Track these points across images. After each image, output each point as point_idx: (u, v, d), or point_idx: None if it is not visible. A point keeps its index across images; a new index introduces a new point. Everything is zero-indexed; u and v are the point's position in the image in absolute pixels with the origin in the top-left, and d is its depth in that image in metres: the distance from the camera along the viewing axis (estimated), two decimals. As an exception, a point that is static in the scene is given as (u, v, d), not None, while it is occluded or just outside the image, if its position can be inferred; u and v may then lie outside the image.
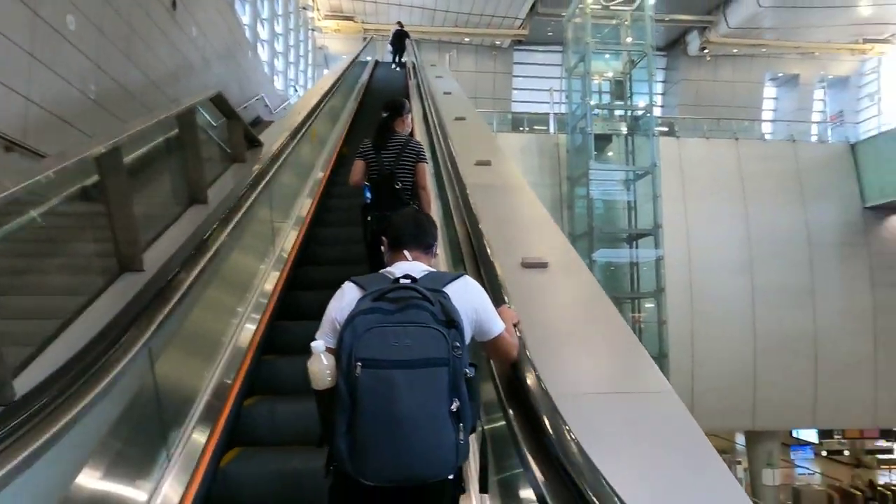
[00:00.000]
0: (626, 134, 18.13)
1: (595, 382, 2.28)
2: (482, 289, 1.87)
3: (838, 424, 20.75)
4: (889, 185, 19.01)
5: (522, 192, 4.43)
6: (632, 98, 18.21)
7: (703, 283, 18.82)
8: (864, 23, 22.56)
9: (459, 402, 1.50)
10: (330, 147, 7.50)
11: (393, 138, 3.91)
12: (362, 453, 1.47)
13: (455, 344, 1.51)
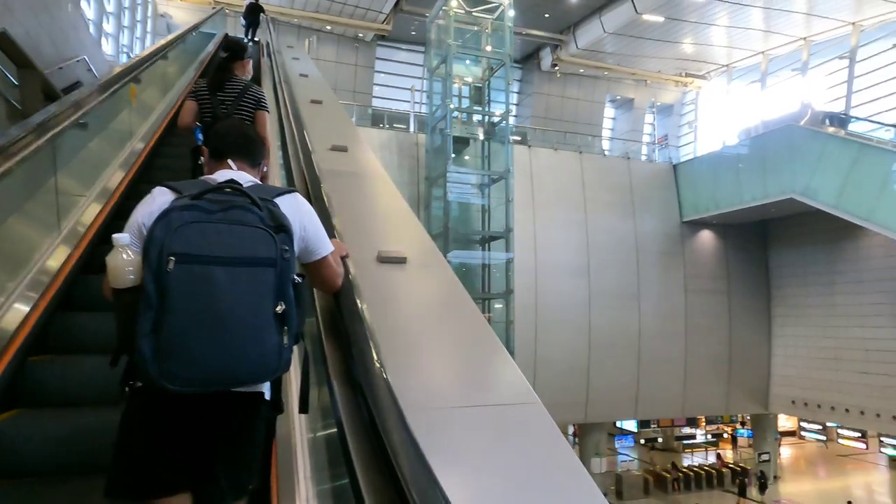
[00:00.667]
0: (483, 139, 18.62)
1: (456, 394, 1.98)
2: (312, 208, 1.75)
3: (655, 415, 23.17)
4: (701, 202, 21.64)
5: (381, 182, 4.06)
6: (490, 104, 18.75)
7: (547, 286, 19.96)
8: (686, 59, 25.60)
9: (285, 306, 1.41)
10: (157, 116, 6.52)
11: (232, 81, 3.60)
12: (171, 353, 1.32)
13: (284, 247, 1.43)
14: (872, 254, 19.27)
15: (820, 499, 21.74)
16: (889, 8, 19.42)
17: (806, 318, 21.61)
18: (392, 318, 2.12)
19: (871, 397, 19.13)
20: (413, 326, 2.23)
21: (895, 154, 15.76)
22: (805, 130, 17.71)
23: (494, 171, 18.10)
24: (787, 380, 22.04)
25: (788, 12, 20.89)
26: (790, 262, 22.31)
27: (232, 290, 1.35)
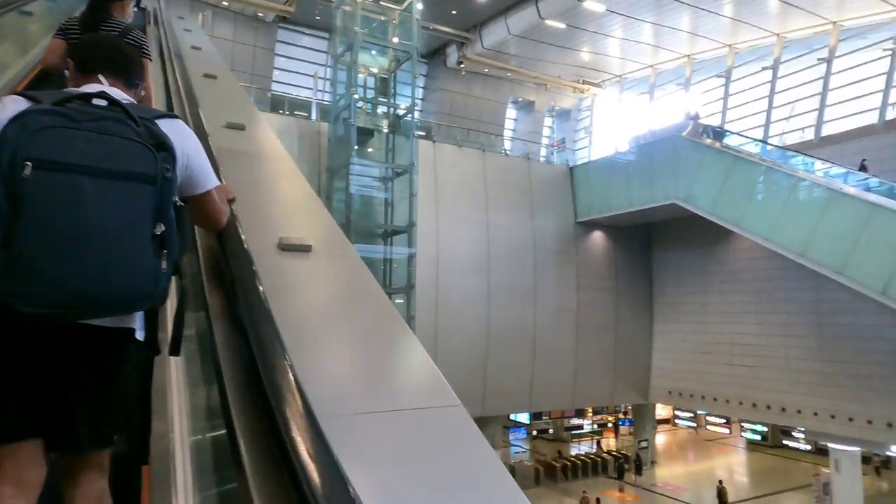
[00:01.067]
0: (388, 131, 18.35)
1: (373, 399, 1.77)
2: (196, 138, 1.60)
3: (548, 407, 24.13)
4: (595, 204, 22.74)
5: (283, 164, 3.73)
6: (395, 97, 18.50)
7: (448, 281, 20.09)
8: (584, 67, 26.78)
9: (165, 227, 1.30)
10: (6, 81, 5.62)
11: (109, 22, 3.19)
12: (25, 269, 1.16)
13: (166, 165, 1.31)
14: (740, 257, 21.20)
15: (690, 480, 23.64)
16: (760, 34, 21.43)
17: (683, 315, 23.40)
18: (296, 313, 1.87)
19: (735, 387, 21.07)
20: (321, 322, 1.99)
21: (761, 167, 17.42)
22: (687, 141, 19.11)
23: (398, 165, 17.90)
24: (666, 372, 23.78)
25: (675, 30, 22.43)
26: (671, 263, 24.05)
27: (102, 203, 1.21)
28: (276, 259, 2.14)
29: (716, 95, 23.51)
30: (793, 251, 15.85)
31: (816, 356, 18.69)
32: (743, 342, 20.99)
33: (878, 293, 14.07)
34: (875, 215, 14.30)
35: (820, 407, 18.51)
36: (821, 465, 23.09)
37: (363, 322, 2.21)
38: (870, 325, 17.13)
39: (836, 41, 19.48)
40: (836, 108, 19.85)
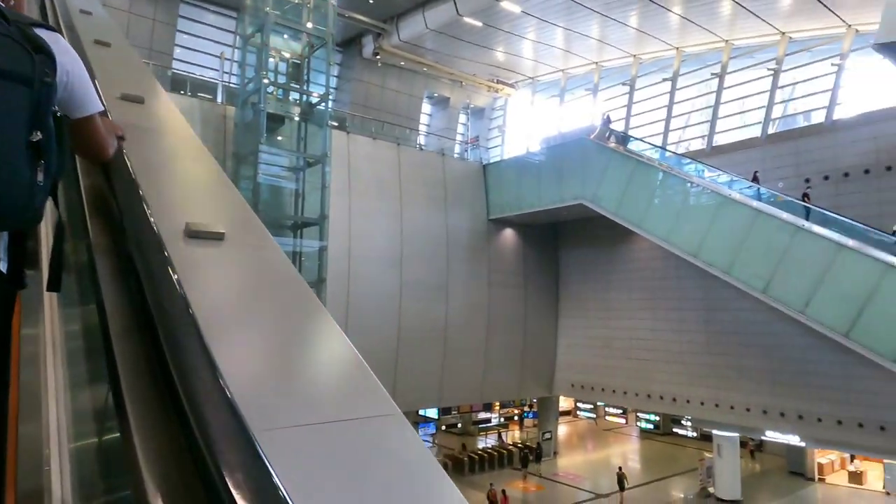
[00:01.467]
0: (300, 119, 17.64)
1: (303, 409, 1.54)
2: (78, 56, 1.45)
3: (457, 402, 24.37)
4: (506, 202, 23.18)
5: (189, 142, 3.34)
6: (309, 84, 17.82)
7: (360, 275, 19.69)
8: (499, 66, 27.21)
9: (43, 136, 1.21)
10: None
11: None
12: None
13: (45, 69, 1.21)
14: (640, 256, 22.43)
15: (590, 468, 24.78)
16: (662, 47, 22.71)
17: (586, 311, 24.44)
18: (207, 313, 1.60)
19: (632, 379, 22.29)
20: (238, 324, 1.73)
21: (660, 172, 18.48)
22: (595, 145, 19.91)
23: (310, 155, 17.27)
24: (569, 365, 24.75)
25: (585, 37, 23.28)
26: (576, 261, 25.04)
27: None
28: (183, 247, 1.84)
29: (621, 102, 24.64)
30: (687, 252, 16.94)
31: (704, 350, 20.14)
32: (640, 336, 22.24)
33: (760, 292, 15.35)
34: (758, 221, 15.57)
35: (706, 397, 19.98)
36: (704, 450, 24.99)
37: (289, 321, 1.98)
38: (751, 321, 18.67)
39: (728, 58, 21.02)
40: (727, 121, 21.46)
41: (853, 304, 13.63)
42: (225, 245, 2.17)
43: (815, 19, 18.22)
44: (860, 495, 21.40)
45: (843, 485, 22.30)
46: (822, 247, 14.28)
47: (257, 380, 1.45)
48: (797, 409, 17.67)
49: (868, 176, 16.88)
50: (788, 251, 14.85)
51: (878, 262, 13.37)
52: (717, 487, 20.14)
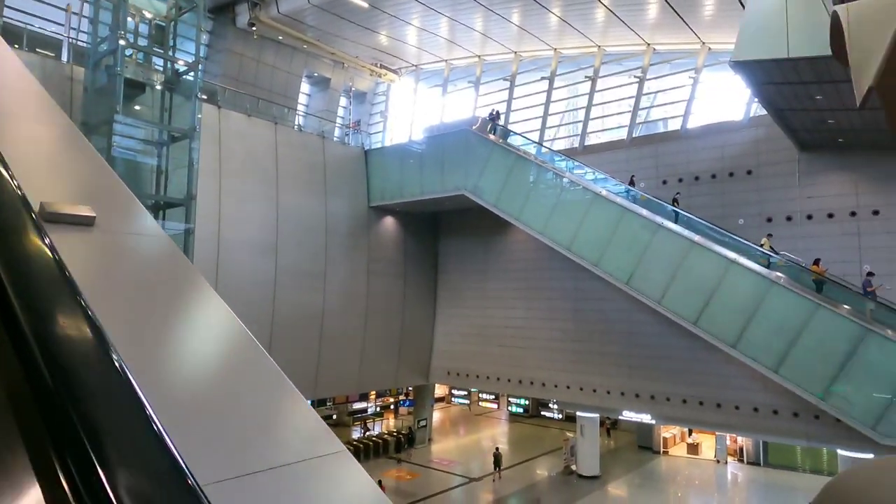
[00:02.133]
0: (164, 88, 15.92)
1: (223, 460, 1.21)
2: None
3: (334, 393, 23.74)
4: (388, 190, 22.85)
5: (38, 101, 2.74)
6: (175, 50, 16.12)
7: (230, 262, 18.38)
8: (383, 51, 26.68)
9: None
10: None
11: None
12: None
13: None
14: (516, 248, 23.24)
15: (462, 453, 25.41)
16: (540, 46, 23.57)
17: (463, 299, 24.91)
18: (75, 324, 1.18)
19: (505, 366, 23.12)
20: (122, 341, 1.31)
21: (538, 167, 19.19)
22: (477, 137, 20.20)
23: (176, 128, 15.67)
24: (446, 354, 25.11)
25: (469, 29, 23.52)
26: (454, 251, 25.40)
27: None
28: (35, 240, 1.36)
29: (501, 97, 25.26)
30: (561, 245, 17.78)
31: (572, 337, 21.38)
32: (514, 325, 23.10)
33: (624, 284, 16.52)
34: (625, 218, 16.71)
35: (572, 381, 21.24)
36: (568, 430, 26.66)
37: (196, 334, 1.61)
38: (613, 310, 20.11)
39: (600, 63, 22.31)
40: (597, 122, 22.81)
41: (701, 296, 15.11)
42: (96, 231, 1.71)
43: (675, 34, 19.86)
44: (697, 464, 24.06)
45: (683, 456, 24.93)
46: (677, 244, 15.66)
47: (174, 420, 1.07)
48: (650, 390, 19.35)
49: (715, 180, 18.80)
50: (649, 247, 16.10)
51: (722, 259, 14.92)
52: (578, 465, 21.55)
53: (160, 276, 1.81)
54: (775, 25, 10.79)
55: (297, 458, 1.20)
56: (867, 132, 14.81)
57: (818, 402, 13.30)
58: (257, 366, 1.66)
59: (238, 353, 1.72)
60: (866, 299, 13.34)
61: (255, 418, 1.31)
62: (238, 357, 1.71)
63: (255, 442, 1.22)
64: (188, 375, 1.44)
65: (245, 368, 1.64)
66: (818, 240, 16.79)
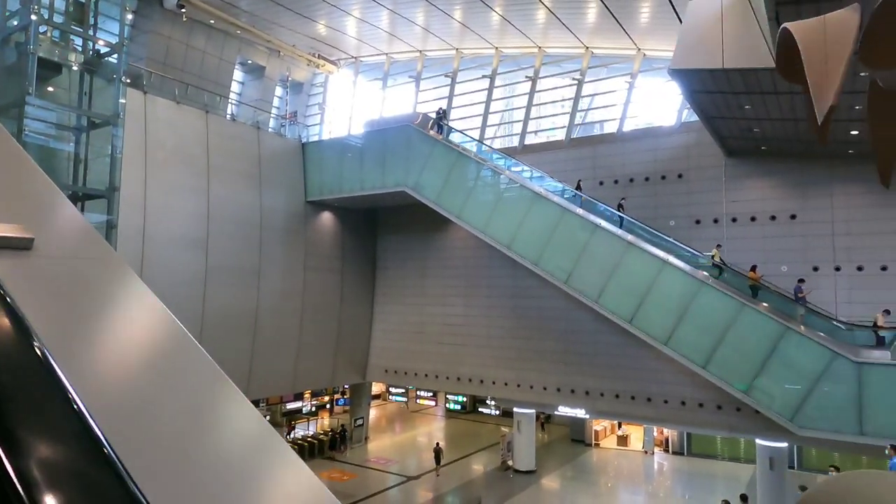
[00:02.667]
0: (83, 70, 14.74)
1: (160, 455, 1.04)
2: None
3: (268, 393, 22.92)
4: (326, 185, 22.27)
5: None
6: (96, 28, 14.94)
7: (156, 258, 17.36)
8: (321, 41, 25.92)
9: None
10: None
11: None
12: None
13: None
14: (455, 245, 23.23)
15: (399, 451, 25.24)
16: (482, 44, 23.60)
17: (402, 297, 24.68)
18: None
19: (444, 363, 23.11)
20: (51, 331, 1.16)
21: (479, 165, 19.20)
22: (419, 133, 19.98)
23: (97, 114, 14.55)
24: (383, 351, 24.82)
25: (411, 23, 23.23)
26: (393, 247, 25.11)
27: None
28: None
29: (443, 94, 25.13)
30: (502, 244, 17.88)
31: (510, 334, 21.61)
32: (453, 322, 23.12)
33: (563, 283, 16.81)
34: (564, 217, 17.00)
35: (510, 378, 21.49)
36: (503, 425, 27.03)
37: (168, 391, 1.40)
38: (551, 308, 20.47)
39: (540, 64, 22.60)
40: (537, 122, 23.11)
41: (636, 296, 15.61)
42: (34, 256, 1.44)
43: (612, 39, 20.38)
44: (626, 455, 24.98)
45: (613, 448, 25.82)
46: (614, 244, 16.08)
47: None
48: (585, 385, 19.86)
49: (648, 183, 19.46)
50: (588, 247, 16.46)
51: (656, 260, 15.46)
52: (515, 460, 21.86)
53: (84, 267, 1.59)
54: (711, 37, 11.20)
55: (238, 457, 1.10)
56: (788, 142, 15.74)
57: (743, 396, 14.03)
58: (193, 361, 1.62)
59: (172, 347, 1.65)
60: (797, 304, 14.17)
61: (191, 414, 1.28)
62: (172, 351, 1.65)
63: (191, 438, 1.16)
64: (120, 370, 1.39)
65: (180, 364, 1.59)
66: (742, 241, 17.73)
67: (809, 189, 16.93)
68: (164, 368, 1.51)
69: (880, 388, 12.42)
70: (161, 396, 1.27)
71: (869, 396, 12.47)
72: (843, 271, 16.35)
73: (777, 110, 13.19)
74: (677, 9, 16.92)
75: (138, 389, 1.28)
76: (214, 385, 1.52)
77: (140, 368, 1.45)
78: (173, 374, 1.49)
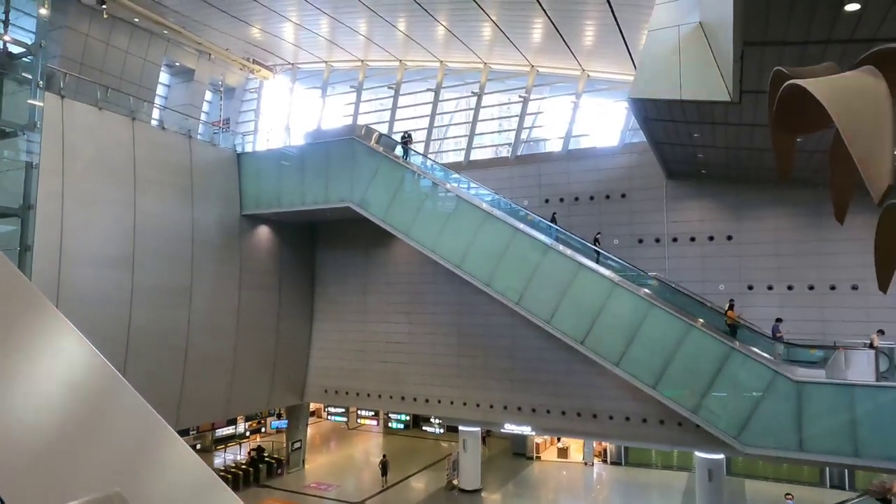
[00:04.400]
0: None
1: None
2: None
3: (199, 421, 21.43)
4: (264, 198, 21.14)
5: None
6: (7, 26, 13.33)
7: (75, 278, 15.76)
8: (255, 45, 24.69)
9: None
10: None
11: None
12: None
13: None
14: (399, 261, 22.71)
15: (341, 472, 24.29)
16: (426, 56, 23.26)
17: (342, 314, 23.84)
18: None
19: (387, 382, 22.50)
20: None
21: (428, 182, 18.79)
22: (365, 147, 19.33)
23: (8, 122, 12.96)
24: (323, 371, 23.87)
25: (352, 31, 22.53)
26: (333, 262, 24.23)
27: None
28: None
29: (385, 105, 24.57)
30: (452, 263, 17.56)
31: (455, 351, 21.33)
32: (396, 340, 22.57)
33: (514, 304, 16.69)
34: (516, 237, 16.91)
35: (455, 396, 21.20)
36: (447, 441, 26.71)
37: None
38: (496, 325, 20.38)
39: (486, 79, 22.53)
40: (482, 138, 23.02)
41: (587, 317, 15.72)
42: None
43: (558, 59, 20.62)
44: (567, 467, 25.29)
45: (554, 460, 26.09)
46: (566, 266, 16.14)
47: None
48: (530, 402, 19.88)
49: (593, 202, 19.78)
50: (539, 268, 16.44)
51: (606, 281, 15.64)
52: (461, 480, 21.56)
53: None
54: (669, 68, 11.40)
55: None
56: (727, 167, 16.42)
57: (691, 415, 14.40)
58: (119, 399, 1.49)
59: (94, 386, 1.51)
60: (776, 342, 14.62)
61: (119, 462, 1.16)
62: (94, 392, 1.49)
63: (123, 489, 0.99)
64: (30, 416, 1.23)
65: (104, 404, 1.46)
66: (682, 261, 18.36)
67: (744, 211, 17.76)
68: (84, 413, 1.35)
69: (818, 405, 13.09)
70: (82, 445, 1.13)
71: (808, 413, 13.11)
72: (775, 290, 17.24)
73: (723, 139, 13.68)
74: (624, 33, 17.31)
75: (53, 439, 1.13)
76: (145, 427, 1.40)
77: (55, 414, 1.27)
78: (96, 418, 1.34)
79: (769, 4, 7.49)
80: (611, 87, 20.61)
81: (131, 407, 1.41)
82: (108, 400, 1.42)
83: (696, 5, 11.60)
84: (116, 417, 1.36)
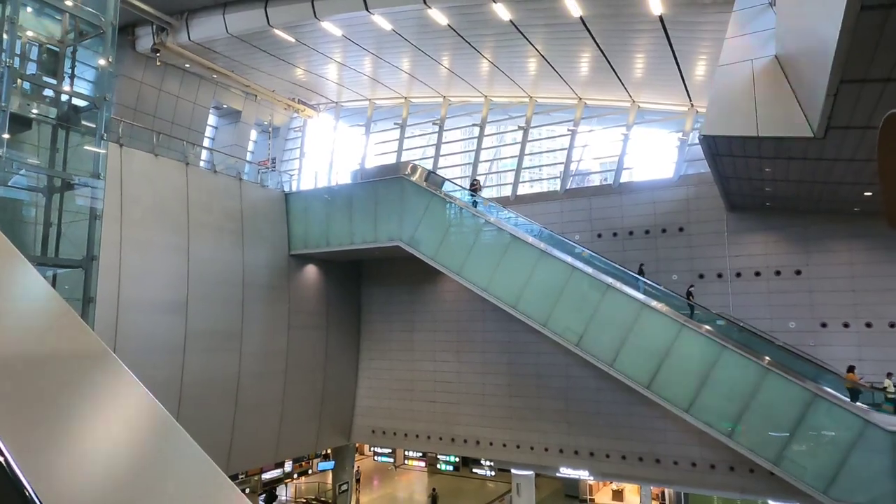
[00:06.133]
0: (58, 125, 13.33)
1: None
2: None
3: (249, 465, 21.13)
4: (312, 238, 21.09)
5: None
6: (73, 80, 13.61)
7: (131, 325, 15.77)
8: (300, 85, 25.00)
9: None
10: None
11: None
12: None
13: None
14: (446, 298, 22.32)
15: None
16: (470, 91, 23.17)
17: (389, 352, 23.47)
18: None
19: (435, 423, 21.92)
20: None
21: (480, 220, 18.43)
22: (414, 185, 19.16)
23: (75, 173, 13.12)
24: (369, 410, 23.43)
25: (396, 69, 22.60)
26: (378, 300, 23.96)
27: None
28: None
29: (430, 141, 24.49)
30: (507, 304, 17.07)
31: (507, 392, 20.69)
32: (444, 379, 22.04)
33: (574, 345, 16.07)
34: (573, 276, 16.36)
35: (507, 438, 20.49)
36: (494, 482, 25.85)
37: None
38: (550, 364, 19.72)
39: (532, 113, 22.28)
40: (529, 172, 22.68)
41: (654, 359, 15.00)
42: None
43: (607, 90, 20.26)
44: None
45: (608, 503, 24.94)
46: (628, 305, 15.50)
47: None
48: (588, 446, 19.06)
49: (648, 236, 19.14)
50: (600, 307, 15.83)
51: (674, 322, 14.94)
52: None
53: (58, 351, 1.54)
54: (744, 103, 10.90)
55: None
56: (799, 199, 15.67)
57: (772, 467, 13.47)
58: (184, 457, 1.47)
59: (160, 443, 1.50)
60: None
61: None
62: (159, 447, 1.49)
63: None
64: (98, 470, 1.26)
65: (166, 455, 1.46)
66: (747, 297, 17.50)
67: (813, 244, 16.89)
68: (148, 467, 1.34)
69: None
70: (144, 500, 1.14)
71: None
72: (852, 327, 16.25)
73: (798, 173, 13.02)
74: (680, 64, 16.89)
75: (119, 491, 1.16)
76: (203, 479, 1.38)
77: (122, 468, 1.28)
78: (158, 469, 1.35)
79: (878, 44, 7.00)
80: (664, 118, 20.11)
81: (190, 457, 1.38)
82: (170, 450, 1.42)
83: (771, 39, 11.13)
84: (177, 469, 1.35)
